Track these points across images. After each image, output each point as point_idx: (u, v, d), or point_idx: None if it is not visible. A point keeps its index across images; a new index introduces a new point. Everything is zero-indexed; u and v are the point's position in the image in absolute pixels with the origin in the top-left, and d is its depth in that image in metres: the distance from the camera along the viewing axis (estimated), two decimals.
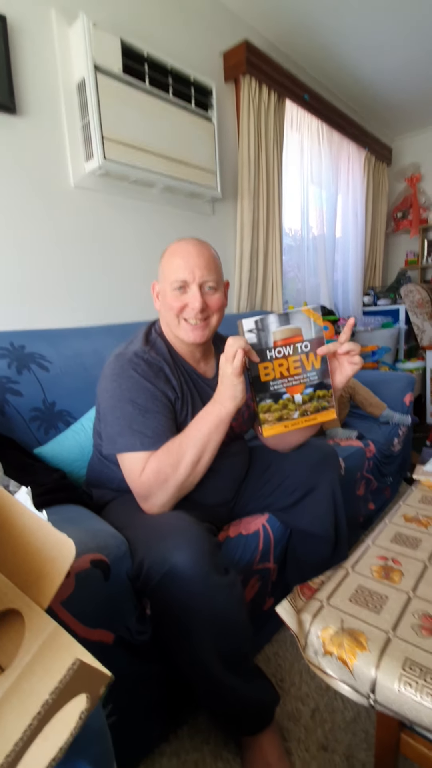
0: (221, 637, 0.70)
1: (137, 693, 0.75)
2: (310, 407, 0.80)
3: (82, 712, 0.33)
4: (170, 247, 0.90)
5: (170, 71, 1.61)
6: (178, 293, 0.86)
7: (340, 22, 2.16)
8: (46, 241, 1.44)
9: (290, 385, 0.78)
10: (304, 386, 0.79)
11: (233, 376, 0.74)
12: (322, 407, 0.80)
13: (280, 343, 0.77)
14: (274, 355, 0.77)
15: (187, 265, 0.85)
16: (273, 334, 0.76)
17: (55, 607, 0.58)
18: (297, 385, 0.79)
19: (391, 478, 1.77)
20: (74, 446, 1.13)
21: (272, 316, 0.76)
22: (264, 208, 2.18)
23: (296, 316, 0.77)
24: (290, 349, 0.77)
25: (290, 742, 0.85)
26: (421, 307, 2.97)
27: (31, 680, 0.38)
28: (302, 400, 0.79)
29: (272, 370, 0.77)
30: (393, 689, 0.51)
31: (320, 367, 0.79)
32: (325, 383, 0.80)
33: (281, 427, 0.79)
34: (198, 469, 0.81)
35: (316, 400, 0.80)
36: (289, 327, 0.77)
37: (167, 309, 0.88)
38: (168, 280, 0.86)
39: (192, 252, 0.86)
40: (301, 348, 0.78)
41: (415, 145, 3.61)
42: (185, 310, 0.86)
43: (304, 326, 0.77)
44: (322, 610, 0.63)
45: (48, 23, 1.37)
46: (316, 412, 0.80)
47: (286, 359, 0.77)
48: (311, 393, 0.79)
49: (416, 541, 0.80)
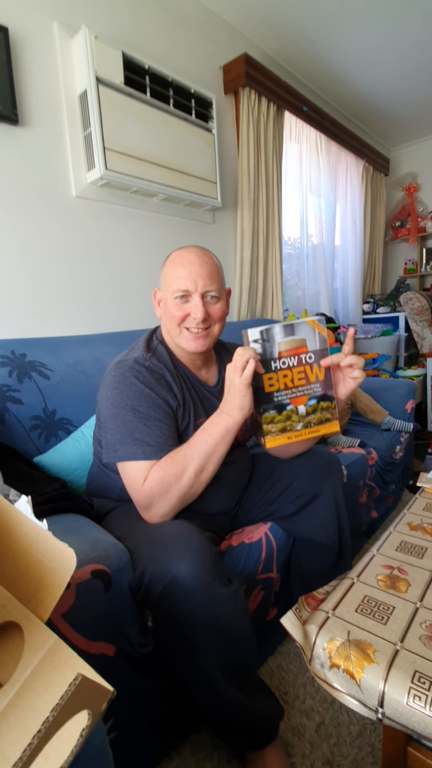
0: (224, 649, 0.69)
1: (139, 708, 0.74)
2: (314, 419, 0.79)
3: (84, 730, 0.32)
4: (172, 255, 0.89)
5: (171, 83, 1.64)
6: (180, 302, 0.85)
7: (337, 35, 2.20)
8: (47, 250, 1.45)
9: (294, 396, 0.78)
10: (308, 398, 0.78)
11: (242, 387, 0.73)
12: (325, 419, 0.79)
13: (285, 354, 0.76)
14: (278, 366, 0.76)
15: (189, 274, 0.84)
16: (278, 344, 0.76)
17: (54, 619, 0.57)
18: (301, 397, 0.78)
19: (393, 485, 1.75)
20: (75, 455, 1.12)
21: (277, 327, 0.75)
22: (264, 217, 2.20)
23: (301, 327, 0.76)
24: (295, 360, 0.77)
25: (295, 757, 0.83)
26: (420, 314, 2.98)
27: (30, 696, 0.37)
28: (306, 411, 0.78)
29: (276, 381, 0.77)
30: (402, 702, 0.50)
31: (324, 378, 0.79)
32: (329, 395, 0.79)
33: (284, 439, 0.78)
34: (201, 480, 0.80)
35: (319, 412, 0.79)
36: (293, 338, 0.76)
37: (169, 317, 0.88)
38: (170, 289, 0.86)
39: (195, 261, 0.85)
40: (306, 359, 0.77)
41: (412, 156, 3.66)
42: (187, 320, 0.86)
43: (308, 337, 0.77)
44: (327, 621, 0.61)
45: (50, 36, 1.40)
46: (320, 423, 0.79)
47: (291, 370, 0.77)
48: (315, 404, 0.79)
49: (422, 549, 0.79)
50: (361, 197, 3.20)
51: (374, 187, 3.37)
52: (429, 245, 3.62)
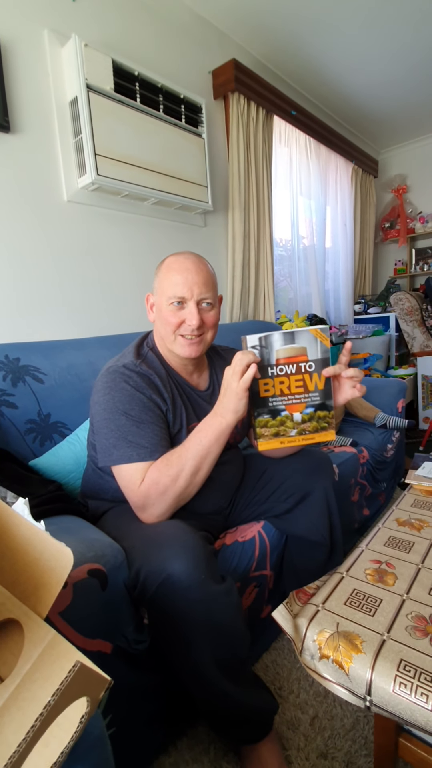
0: (219, 645, 0.71)
1: (136, 704, 0.75)
2: (309, 427, 0.79)
3: (83, 716, 0.34)
4: (167, 261, 0.90)
5: (161, 89, 1.66)
6: (175, 309, 0.86)
7: (325, 41, 2.24)
8: (40, 254, 1.46)
9: (290, 403, 0.78)
10: (305, 406, 0.78)
11: (239, 390, 0.74)
12: (321, 428, 0.79)
13: (283, 362, 0.77)
14: (275, 373, 0.77)
15: (185, 281, 0.85)
16: (276, 351, 0.76)
17: (52, 617, 0.59)
18: (297, 404, 0.78)
19: (385, 483, 1.78)
20: (70, 457, 1.13)
21: (277, 334, 0.76)
22: (255, 220, 2.23)
23: (302, 336, 0.77)
24: (293, 368, 0.77)
25: (290, 750, 0.85)
26: (410, 314, 3.02)
27: (31, 688, 0.38)
28: (302, 419, 0.79)
29: (272, 387, 0.77)
30: (388, 690, 0.52)
31: (324, 387, 0.78)
32: (327, 404, 0.79)
33: (277, 443, 0.79)
34: (196, 480, 0.82)
35: (316, 420, 0.79)
36: (293, 346, 0.77)
37: (163, 323, 0.89)
38: (165, 295, 0.87)
39: (191, 268, 0.86)
40: (306, 368, 0.77)
41: (400, 158, 3.72)
42: (182, 327, 0.87)
43: (309, 346, 0.77)
44: (317, 614, 0.64)
45: (41, 43, 1.41)
46: (315, 432, 0.79)
47: (288, 378, 0.77)
48: (312, 413, 0.79)
49: (409, 544, 0.82)
50: (351, 199, 3.24)
51: (364, 189, 3.42)
52: (418, 246, 3.67)
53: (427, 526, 0.88)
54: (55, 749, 0.34)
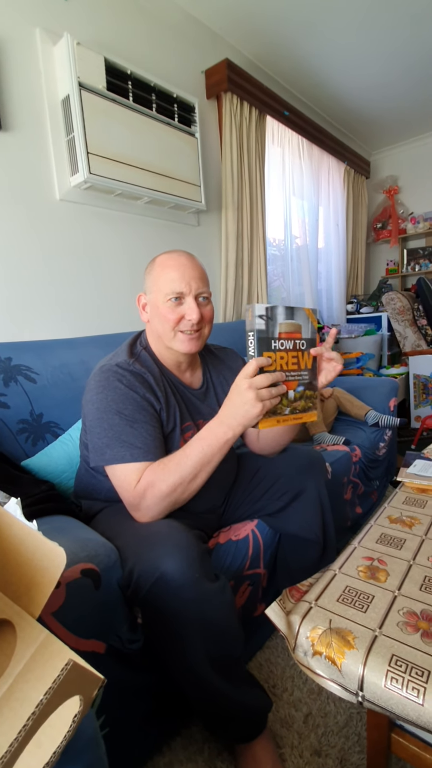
0: (213, 643, 0.71)
1: (130, 704, 0.75)
2: (299, 405, 0.79)
3: (76, 715, 0.34)
4: (159, 260, 0.90)
5: (154, 88, 1.65)
6: (174, 305, 0.86)
7: (317, 43, 2.25)
8: (32, 253, 1.45)
9: (286, 380, 0.77)
10: (297, 383, 0.78)
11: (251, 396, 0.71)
12: (308, 407, 0.80)
13: (284, 336, 0.75)
14: (277, 347, 0.75)
15: (183, 277, 0.86)
16: (279, 325, 0.75)
17: (45, 618, 0.58)
18: (292, 381, 0.77)
19: (377, 482, 1.80)
20: (62, 457, 1.13)
21: (280, 308, 0.75)
22: (248, 220, 2.23)
23: (299, 313, 0.77)
24: (291, 344, 0.76)
25: (284, 748, 0.85)
26: (402, 314, 3.05)
27: (23, 688, 0.38)
28: (294, 397, 0.78)
29: (275, 362, 0.75)
30: (380, 685, 0.53)
31: (311, 367, 0.79)
32: (314, 384, 0.80)
33: (274, 422, 0.77)
34: (193, 487, 0.81)
35: (304, 399, 0.79)
36: (292, 322, 0.76)
37: (161, 321, 0.88)
38: (162, 292, 0.87)
39: (186, 264, 0.87)
40: (299, 345, 0.77)
41: (392, 159, 3.75)
42: (181, 322, 0.87)
43: (303, 324, 0.77)
44: (310, 611, 0.64)
45: (33, 41, 1.40)
46: (303, 411, 0.79)
47: (287, 353, 0.76)
48: (302, 391, 0.78)
49: (401, 541, 0.82)
50: (343, 200, 3.26)
51: (356, 189, 3.44)
52: (410, 246, 3.71)
53: (418, 523, 0.89)
54: (48, 749, 0.34)
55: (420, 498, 1.02)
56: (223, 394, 1.04)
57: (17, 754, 0.32)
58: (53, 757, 0.33)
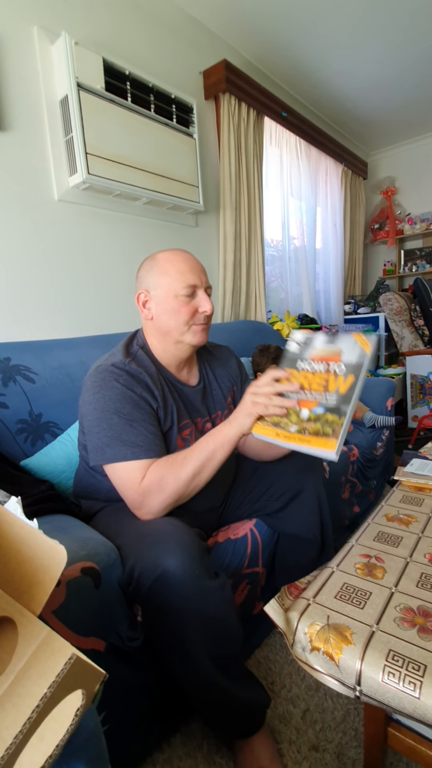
0: (212, 640, 0.71)
1: (130, 701, 0.76)
2: (311, 427, 0.71)
3: (78, 709, 0.35)
4: (164, 257, 0.90)
5: (152, 89, 1.66)
6: (187, 299, 0.88)
7: (315, 44, 2.26)
8: (30, 253, 1.45)
9: (304, 398, 0.74)
10: (317, 404, 0.72)
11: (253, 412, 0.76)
12: (324, 432, 0.69)
13: (316, 359, 0.75)
14: (303, 367, 0.75)
15: (192, 270, 0.88)
16: (314, 349, 0.75)
17: (45, 616, 0.59)
18: (310, 401, 0.73)
19: (375, 481, 1.81)
20: (61, 457, 1.13)
21: (321, 335, 0.76)
22: (246, 220, 2.24)
23: (344, 338, 0.74)
24: (321, 367, 0.74)
25: (282, 743, 0.86)
26: (399, 314, 3.06)
27: (26, 685, 0.39)
28: (308, 417, 0.72)
29: (293, 378, 0.75)
30: (377, 680, 0.53)
31: (346, 393, 0.70)
32: (342, 409, 0.69)
33: (272, 433, 0.74)
34: (197, 482, 0.82)
35: (321, 423, 0.70)
36: (331, 347, 0.74)
37: (173, 316, 0.88)
38: (172, 288, 0.87)
39: (190, 258, 0.91)
40: (333, 367, 0.73)
41: (389, 160, 3.76)
42: (195, 316, 0.89)
43: (347, 349, 0.73)
44: (308, 608, 0.65)
45: (30, 41, 1.40)
46: (315, 435, 0.70)
47: (314, 375, 0.74)
48: (321, 414, 0.71)
49: (397, 539, 0.83)
50: (341, 200, 3.27)
51: (353, 190, 3.45)
52: (407, 247, 3.73)
53: (415, 521, 0.90)
54: (51, 742, 0.35)
55: (417, 496, 1.03)
56: (219, 391, 1.04)
57: (21, 747, 0.33)
58: (56, 750, 0.34)
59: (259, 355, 1.84)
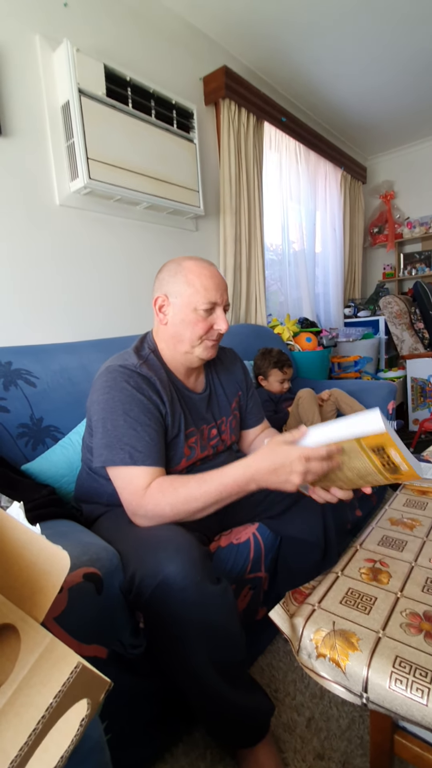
0: (215, 647, 0.71)
1: (132, 710, 0.74)
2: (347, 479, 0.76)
3: (83, 719, 0.34)
4: (189, 266, 0.88)
5: (152, 95, 1.67)
6: (205, 314, 0.88)
7: (313, 50, 2.28)
8: (32, 258, 1.45)
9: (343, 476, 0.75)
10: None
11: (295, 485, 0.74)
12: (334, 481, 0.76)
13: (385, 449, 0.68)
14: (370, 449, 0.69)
15: (217, 288, 0.88)
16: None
17: (47, 623, 0.58)
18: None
19: None
20: (62, 462, 1.12)
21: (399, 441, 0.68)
22: (246, 225, 2.25)
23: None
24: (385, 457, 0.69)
25: (286, 753, 0.85)
26: (399, 317, 3.07)
27: (29, 693, 0.38)
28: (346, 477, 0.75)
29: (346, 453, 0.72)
30: (384, 687, 0.53)
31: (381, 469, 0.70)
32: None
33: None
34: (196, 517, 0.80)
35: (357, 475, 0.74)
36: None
37: (188, 328, 0.88)
38: (194, 301, 0.86)
39: (217, 275, 0.89)
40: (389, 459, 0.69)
41: (388, 164, 3.78)
42: (210, 332, 0.89)
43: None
44: (314, 614, 0.64)
45: (33, 48, 1.41)
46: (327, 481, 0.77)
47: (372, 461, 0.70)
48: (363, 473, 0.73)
49: (402, 543, 0.83)
50: (340, 205, 3.29)
51: (352, 194, 3.47)
52: (406, 251, 3.74)
53: (419, 525, 0.89)
54: (55, 754, 0.34)
55: (420, 500, 1.02)
56: (224, 397, 1.04)
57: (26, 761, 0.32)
58: (60, 762, 0.33)
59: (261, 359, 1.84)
